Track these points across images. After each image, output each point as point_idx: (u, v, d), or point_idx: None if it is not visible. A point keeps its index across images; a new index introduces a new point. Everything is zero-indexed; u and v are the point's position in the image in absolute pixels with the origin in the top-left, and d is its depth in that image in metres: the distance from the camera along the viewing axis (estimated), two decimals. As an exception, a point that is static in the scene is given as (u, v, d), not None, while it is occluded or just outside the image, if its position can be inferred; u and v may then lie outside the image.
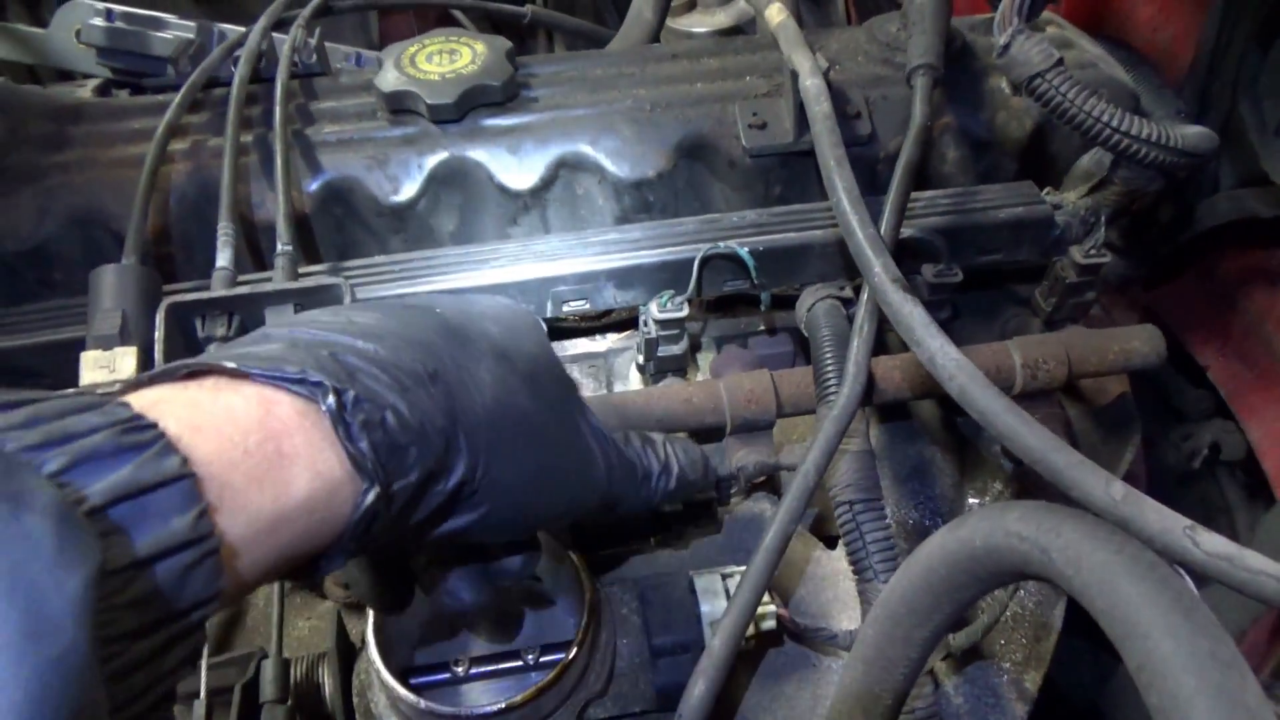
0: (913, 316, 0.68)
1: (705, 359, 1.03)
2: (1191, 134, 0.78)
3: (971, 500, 0.92)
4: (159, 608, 0.36)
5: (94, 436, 0.36)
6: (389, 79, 0.98)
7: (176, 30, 1.37)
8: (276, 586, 0.71)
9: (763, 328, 1.01)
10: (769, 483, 0.88)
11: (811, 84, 0.89)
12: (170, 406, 0.40)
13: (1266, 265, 1.18)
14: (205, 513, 0.38)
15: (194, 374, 0.43)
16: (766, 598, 0.71)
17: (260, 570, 0.42)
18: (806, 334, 0.89)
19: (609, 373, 1.05)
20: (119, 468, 0.35)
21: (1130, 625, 0.38)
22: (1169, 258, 1.21)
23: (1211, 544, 0.55)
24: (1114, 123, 0.73)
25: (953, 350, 0.65)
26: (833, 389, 0.77)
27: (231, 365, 0.43)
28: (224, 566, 0.39)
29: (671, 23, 1.61)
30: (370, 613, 0.65)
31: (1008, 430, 0.61)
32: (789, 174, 1.00)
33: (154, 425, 0.38)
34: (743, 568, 0.68)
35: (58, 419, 0.36)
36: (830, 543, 0.88)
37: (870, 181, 1.00)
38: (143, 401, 0.40)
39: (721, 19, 1.61)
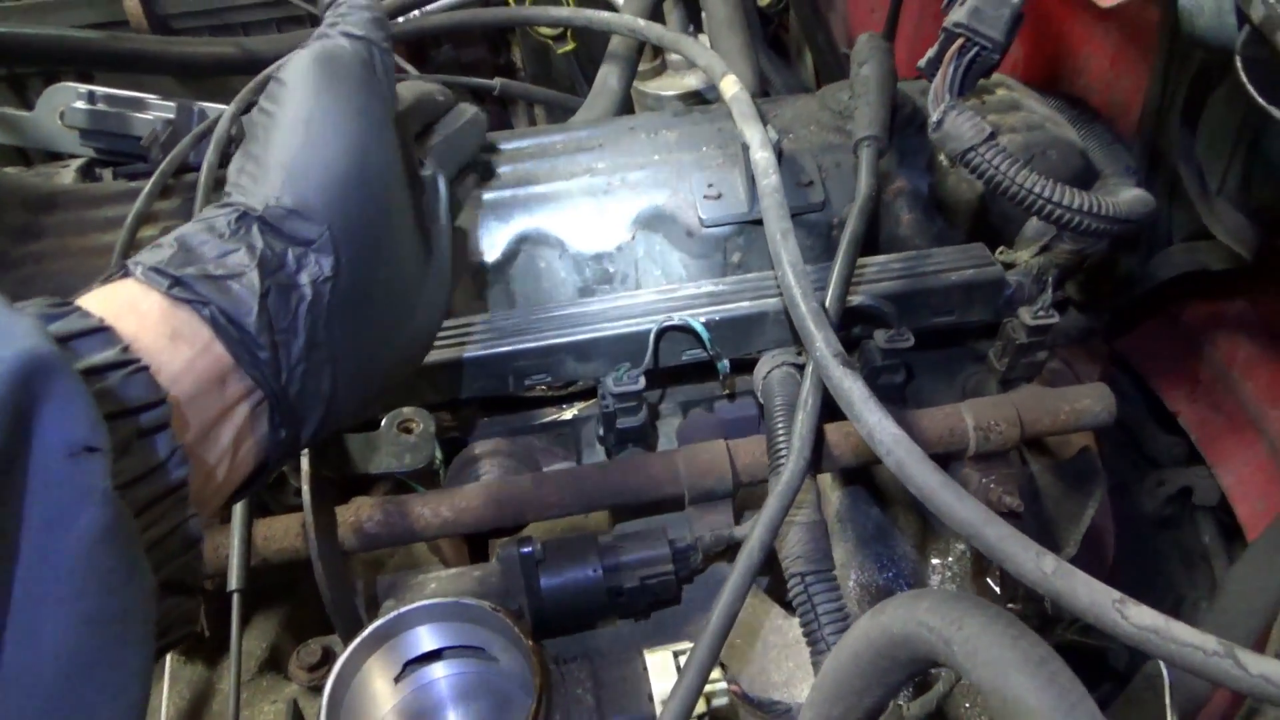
0: (852, 391, 0.69)
1: (671, 425, 1.04)
2: (1125, 200, 0.79)
3: (934, 561, 0.93)
4: (111, 402, 0.42)
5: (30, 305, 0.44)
6: (352, 162, 1.00)
7: (157, 111, 1.41)
8: (234, 674, 0.72)
9: (726, 393, 1.02)
10: (730, 551, 0.89)
11: (761, 157, 0.92)
12: (86, 300, 0.48)
13: (1227, 314, 1.19)
14: (128, 348, 0.45)
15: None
16: (719, 673, 0.71)
17: (200, 408, 0.50)
18: (761, 401, 0.90)
19: (577, 441, 1.06)
20: (47, 324, 0.42)
21: (1018, 722, 0.39)
22: (1130, 309, 1.22)
23: (1140, 617, 0.55)
24: (1045, 193, 0.75)
25: (890, 425, 0.67)
26: (783, 459, 0.78)
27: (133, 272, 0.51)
28: (158, 384, 0.46)
29: (641, 86, 1.65)
30: (325, 698, 0.66)
31: (942, 505, 0.62)
32: (746, 241, 1.02)
33: (71, 302, 0.46)
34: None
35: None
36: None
37: (825, 247, 1.02)
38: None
39: (690, 82, 1.64)
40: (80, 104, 1.41)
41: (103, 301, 0.49)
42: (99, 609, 0.38)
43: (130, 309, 0.49)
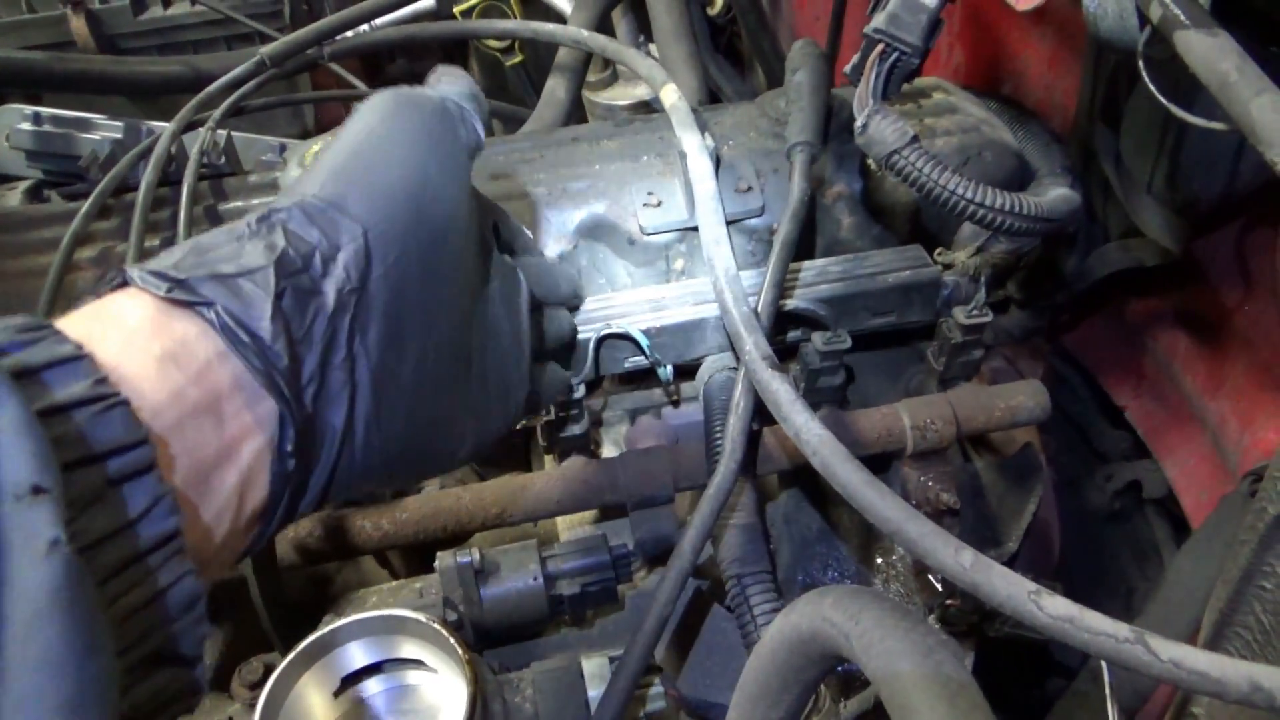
0: (779, 393, 0.70)
1: (619, 431, 1.05)
2: (1049, 199, 0.81)
3: (878, 560, 0.94)
4: (73, 447, 0.36)
5: None
6: (292, 176, 1.00)
7: (104, 131, 1.40)
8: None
9: (672, 400, 1.03)
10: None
11: (698, 164, 0.93)
12: (72, 319, 0.43)
13: (1167, 308, 1.21)
14: (104, 379, 0.39)
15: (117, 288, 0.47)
16: (656, 677, 0.72)
17: (187, 443, 0.43)
18: (703, 406, 0.91)
19: (526, 451, 1.06)
20: (13, 353, 0.37)
21: (904, 709, 0.39)
22: (1075, 306, 1.24)
23: (1054, 607, 0.56)
24: (967, 194, 0.76)
25: (816, 425, 0.67)
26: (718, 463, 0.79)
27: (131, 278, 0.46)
28: (139, 420, 0.39)
29: (592, 96, 1.66)
30: (257, 715, 0.65)
31: (865, 502, 0.63)
32: (688, 248, 1.03)
33: (48, 325, 0.40)
34: (634, 648, 0.69)
35: None
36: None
37: (766, 252, 1.02)
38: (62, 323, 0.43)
39: (641, 91, 1.66)
40: (26, 125, 1.40)
41: (88, 319, 0.44)
42: (41, 692, 0.31)
43: (117, 326, 0.43)
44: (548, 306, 0.79)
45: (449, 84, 0.64)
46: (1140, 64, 0.65)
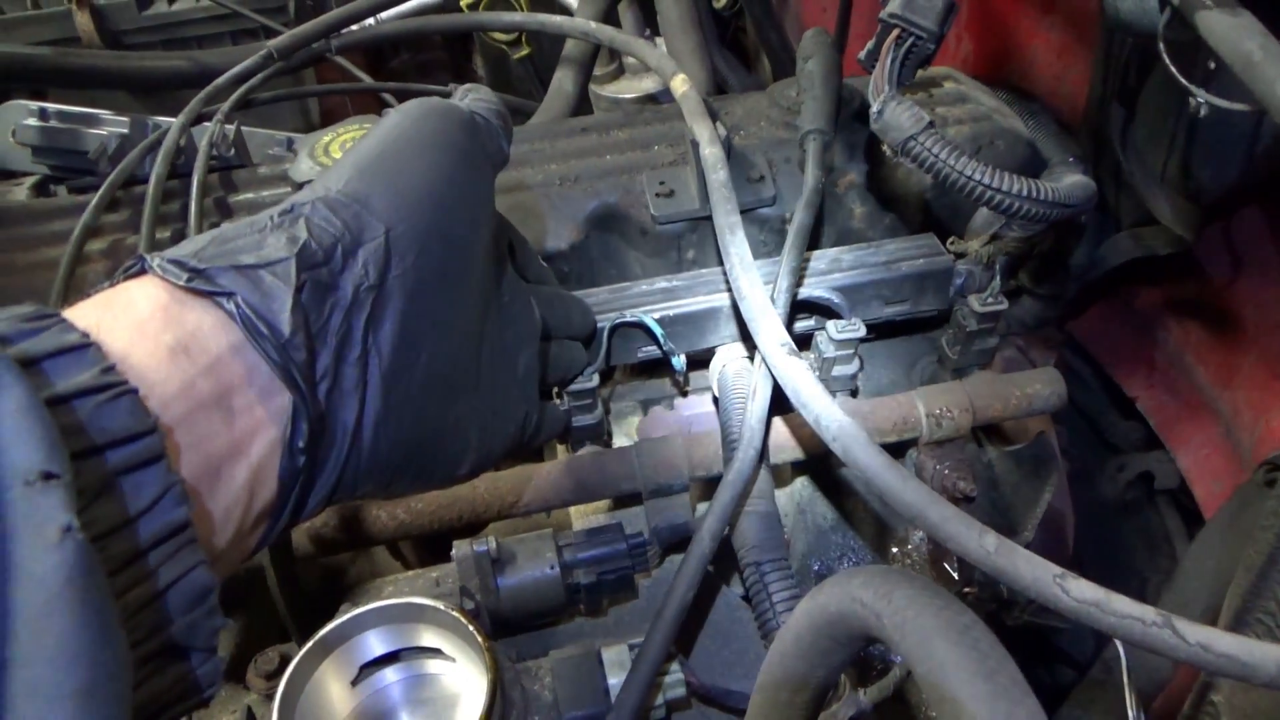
0: (797, 380, 0.70)
1: (632, 423, 1.04)
2: (1065, 185, 0.80)
3: (894, 550, 0.93)
4: (80, 437, 0.36)
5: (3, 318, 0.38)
6: (302, 169, 1.00)
7: (111, 127, 1.40)
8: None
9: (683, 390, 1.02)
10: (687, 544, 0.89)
11: (710, 152, 0.92)
12: (82, 308, 0.43)
13: (1178, 298, 1.21)
14: (111, 368, 0.39)
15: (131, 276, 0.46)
16: (674, 664, 0.71)
17: (199, 440, 0.43)
18: (717, 396, 0.90)
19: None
20: (17, 342, 0.37)
21: (940, 688, 0.39)
22: (1084, 296, 1.24)
23: (1080, 591, 0.56)
24: (985, 179, 0.76)
25: (836, 411, 0.67)
26: (735, 451, 0.78)
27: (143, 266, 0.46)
28: (147, 409, 0.39)
29: (599, 89, 1.65)
30: (276, 704, 0.65)
31: (887, 487, 0.62)
32: (700, 238, 1.03)
33: (55, 314, 0.40)
34: (653, 636, 0.69)
35: None
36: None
37: (778, 242, 1.02)
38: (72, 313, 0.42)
39: (648, 85, 1.65)
40: (32, 121, 1.39)
41: (98, 308, 0.43)
42: (55, 680, 0.30)
43: (127, 314, 0.43)
44: (558, 339, 0.79)
45: (476, 100, 0.66)
46: (1160, 47, 0.64)
